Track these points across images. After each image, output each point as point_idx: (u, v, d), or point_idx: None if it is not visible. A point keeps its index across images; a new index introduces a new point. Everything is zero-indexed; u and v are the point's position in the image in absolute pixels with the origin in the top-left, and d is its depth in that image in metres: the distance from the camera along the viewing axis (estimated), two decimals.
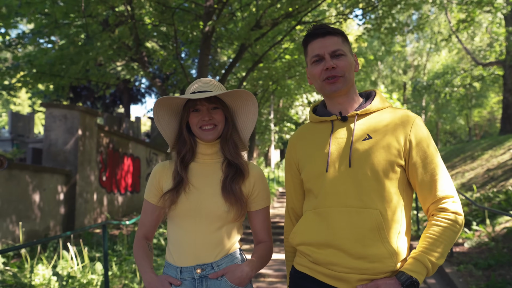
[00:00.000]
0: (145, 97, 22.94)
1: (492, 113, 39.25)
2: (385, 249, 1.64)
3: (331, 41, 1.76)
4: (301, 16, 10.66)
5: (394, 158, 1.68)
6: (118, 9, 10.10)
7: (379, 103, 1.82)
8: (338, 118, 1.80)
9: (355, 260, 1.64)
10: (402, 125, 1.73)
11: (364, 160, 1.69)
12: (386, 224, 1.65)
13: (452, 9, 17.93)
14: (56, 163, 9.42)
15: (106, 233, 5.09)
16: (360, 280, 1.65)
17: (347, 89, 1.79)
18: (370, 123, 1.76)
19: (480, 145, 18.65)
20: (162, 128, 1.96)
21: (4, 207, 7.56)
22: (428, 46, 31.93)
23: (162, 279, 1.85)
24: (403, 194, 1.72)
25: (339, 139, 1.77)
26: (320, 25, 1.79)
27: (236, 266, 1.86)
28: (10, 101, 39.83)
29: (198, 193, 1.88)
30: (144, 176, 13.40)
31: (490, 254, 6.30)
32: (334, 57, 1.75)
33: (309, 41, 1.81)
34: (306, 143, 1.88)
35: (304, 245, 1.78)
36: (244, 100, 1.96)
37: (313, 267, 1.75)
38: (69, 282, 5.40)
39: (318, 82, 1.79)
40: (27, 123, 17.00)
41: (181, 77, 12.05)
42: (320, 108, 1.92)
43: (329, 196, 1.72)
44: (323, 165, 1.76)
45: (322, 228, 1.71)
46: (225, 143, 1.95)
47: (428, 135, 1.74)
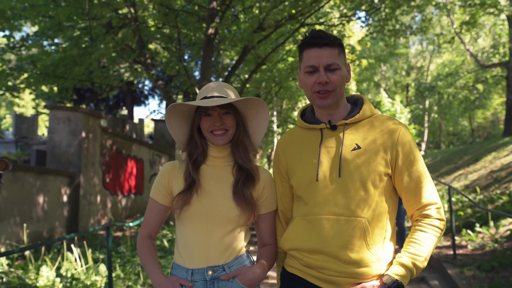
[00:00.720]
0: (148, 99, 23.00)
1: (496, 114, 39.16)
2: (372, 254, 1.72)
3: (327, 53, 1.76)
4: (304, 18, 10.66)
5: (381, 167, 1.74)
6: (121, 12, 10.14)
7: (367, 111, 1.85)
8: (327, 127, 1.83)
9: (344, 265, 1.72)
10: (389, 134, 1.78)
11: (353, 170, 1.75)
12: (372, 231, 1.73)
13: (455, 11, 17.92)
14: (60, 165, 9.46)
15: (110, 235, 5.11)
16: (349, 283, 1.74)
17: (336, 102, 1.83)
18: (359, 132, 1.81)
19: (483, 147, 18.61)
20: (174, 132, 1.98)
21: (8, 208, 7.60)
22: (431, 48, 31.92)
23: (172, 280, 1.85)
24: (389, 201, 1.80)
25: (328, 148, 1.81)
26: (318, 34, 1.78)
27: (248, 268, 1.88)
28: (14, 103, 39.98)
29: (210, 196, 1.90)
30: (147, 178, 13.43)
31: (494, 256, 6.29)
32: (328, 71, 1.77)
33: (305, 48, 1.81)
34: (295, 149, 1.92)
35: (295, 250, 1.84)
36: (256, 107, 1.98)
37: (304, 270, 1.82)
38: (73, 284, 5.42)
39: (309, 92, 1.81)
40: (31, 125, 17.06)
41: (184, 79, 12.07)
42: (308, 113, 1.95)
43: (319, 205, 1.77)
44: (313, 174, 1.80)
45: (313, 235, 1.77)
46: (235, 148, 1.97)
47: (413, 144, 1.80)
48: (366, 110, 1.85)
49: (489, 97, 30.96)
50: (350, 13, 12.26)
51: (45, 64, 9.97)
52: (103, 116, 10.74)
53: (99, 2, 8.42)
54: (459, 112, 30.45)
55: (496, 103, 34.28)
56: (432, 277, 6.23)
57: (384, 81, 34.87)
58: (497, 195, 9.34)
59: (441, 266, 6.42)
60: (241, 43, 10.74)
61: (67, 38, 10.40)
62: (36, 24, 10.06)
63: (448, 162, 18.87)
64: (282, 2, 10.09)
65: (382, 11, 11.39)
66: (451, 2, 17.42)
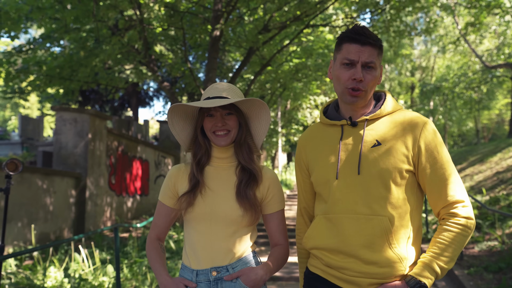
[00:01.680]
0: (153, 100, 23.08)
1: (500, 115, 39.04)
2: (394, 254, 1.66)
3: (368, 50, 1.72)
4: (309, 20, 10.67)
5: (403, 164, 1.69)
6: (126, 13, 10.17)
7: (389, 106, 1.81)
8: (348, 123, 1.80)
9: (365, 265, 1.68)
10: (411, 129, 1.72)
11: (373, 167, 1.70)
12: (394, 230, 1.68)
13: (460, 12, 17.90)
14: (66, 166, 9.50)
15: (117, 236, 5.13)
16: (371, 284, 1.69)
17: (365, 103, 1.80)
18: (380, 128, 1.77)
19: (488, 148, 18.57)
20: (176, 132, 1.99)
21: (16, 209, 7.64)
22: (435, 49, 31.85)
23: (177, 281, 1.87)
24: (412, 199, 1.74)
25: (348, 145, 1.78)
26: (362, 30, 1.72)
27: (251, 269, 1.89)
28: (19, 104, 40.16)
29: (214, 196, 1.91)
30: (152, 179, 13.46)
31: (501, 257, 6.28)
32: (365, 69, 1.73)
33: (346, 41, 1.75)
34: (316, 146, 1.89)
35: (316, 249, 1.82)
36: (258, 108, 1.98)
37: (326, 270, 1.79)
38: (80, 284, 5.45)
39: (342, 87, 1.75)
40: (36, 126, 17.14)
41: (189, 81, 12.10)
42: (331, 110, 1.91)
43: (338, 203, 1.74)
44: (332, 171, 1.78)
45: (333, 234, 1.74)
46: (239, 148, 1.97)
47: (438, 139, 1.73)
48: (388, 106, 1.81)
49: (493, 97, 30.88)
50: (355, 15, 12.27)
51: (51, 66, 10.02)
52: (109, 118, 10.77)
53: (105, 4, 8.46)
54: (464, 112, 30.35)
55: (501, 104, 34.17)
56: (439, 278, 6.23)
57: (388, 82, 34.81)
58: (503, 196, 9.32)
59: None
60: (246, 44, 10.76)
61: (73, 40, 10.45)
62: (42, 27, 10.12)
63: (454, 163, 18.81)
64: (287, 3, 10.11)
65: (387, 12, 11.39)
66: (455, 3, 17.40)
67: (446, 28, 25.76)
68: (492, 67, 20.02)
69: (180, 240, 8.62)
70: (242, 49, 12.71)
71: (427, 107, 30.49)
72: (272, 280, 6.40)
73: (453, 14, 18.12)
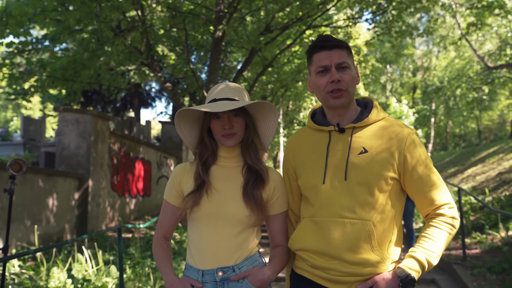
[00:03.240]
0: (155, 101, 23.06)
1: (502, 116, 38.99)
2: (378, 256, 1.74)
3: (337, 53, 1.80)
4: (311, 21, 10.68)
5: (388, 172, 1.76)
6: (129, 14, 10.18)
7: (376, 115, 1.87)
8: (336, 129, 1.85)
9: (350, 266, 1.75)
10: (397, 139, 1.79)
11: (359, 174, 1.76)
12: (378, 233, 1.75)
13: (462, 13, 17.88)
14: (69, 167, 9.51)
15: (121, 236, 5.14)
16: (356, 281, 1.76)
17: (349, 102, 1.84)
18: (366, 136, 1.82)
19: (490, 148, 18.54)
20: (184, 136, 2.00)
21: (18, 210, 7.64)
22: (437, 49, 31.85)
23: (183, 281, 1.87)
24: (396, 204, 1.82)
25: (336, 151, 1.83)
26: (326, 37, 1.82)
27: (258, 269, 1.89)
28: (21, 105, 40.22)
29: (220, 196, 1.90)
30: (154, 180, 13.47)
31: (504, 258, 6.27)
32: (340, 70, 1.79)
33: (315, 52, 1.84)
34: (304, 150, 1.94)
35: (302, 251, 1.87)
36: (266, 110, 1.98)
37: (312, 271, 1.85)
38: (84, 285, 5.46)
39: (322, 93, 1.82)
40: (38, 127, 17.17)
41: (191, 81, 12.11)
42: (318, 115, 1.97)
43: (325, 207, 1.80)
44: (320, 176, 1.83)
45: (319, 237, 1.80)
46: (245, 148, 1.97)
47: (422, 148, 1.81)
48: (375, 114, 1.87)
49: (495, 98, 30.84)
50: (357, 15, 12.27)
51: (54, 67, 10.04)
52: (112, 118, 10.79)
53: (107, 5, 8.47)
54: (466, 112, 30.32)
55: (503, 104, 34.12)
56: (442, 279, 6.22)
57: (390, 82, 34.80)
58: (506, 197, 9.31)
59: (451, 268, 6.40)
60: (248, 45, 10.77)
61: (76, 42, 10.48)
62: (44, 28, 10.13)
63: (456, 164, 18.82)
64: (289, 4, 10.11)
65: (388, 13, 11.39)
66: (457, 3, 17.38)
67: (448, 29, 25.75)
68: (494, 67, 20.00)
69: (183, 240, 8.62)
70: (244, 50, 12.71)
71: (428, 107, 30.47)
72: (276, 280, 6.40)
73: (455, 14, 18.11)
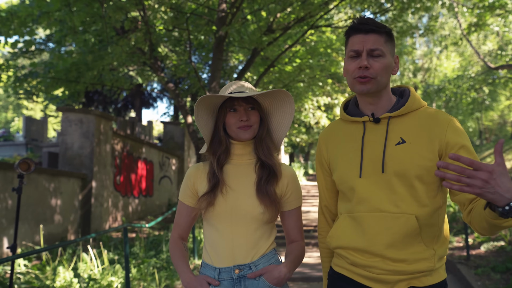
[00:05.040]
0: (157, 102, 23.08)
1: (503, 117, 39.00)
2: (423, 252, 1.63)
3: (372, 38, 1.68)
4: (313, 21, 10.69)
5: (428, 162, 1.63)
6: (130, 15, 10.20)
7: (413, 103, 1.74)
8: (370, 120, 1.74)
9: (393, 263, 1.64)
10: (437, 127, 1.67)
11: (398, 165, 1.65)
12: (422, 228, 1.63)
13: (463, 13, 17.91)
14: (72, 167, 9.53)
15: (127, 236, 5.16)
16: (400, 280, 1.65)
17: (378, 91, 1.72)
18: (403, 125, 1.71)
19: (492, 149, 18.54)
20: (201, 126, 1.97)
21: (23, 210, 7.66)
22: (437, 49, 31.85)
23: (200, 279, 1.88)
24: (439, 196, 1.68)
25: (371, 142, 1.72)
26: (365, 20, 1.70)
27: (274, 267, 1.88)
28: (22, 105, 40.23)
29: (234, 194, 1.90)
30: (157, 180, 13.48)
31: (508, 258, 6.29)
32: (371, 57, 1.68)
33: (351, 34, 1.73)
34: (337, 143, 1.84)
35: (341, 248, 1.77)
36: (281, 101, 1.97)
37: (351, 269, 1.75)
38: (89, 284, 5.48)
39: (350, 78, 1.72)
40: (40, 127, 17.19)
41: (193, 82, 12.12)
42: (351, 106, 1.86)
43: (363, 201, 1.69)
44: (356, 169, 1.73)
45: (358, 233, 1.70)
46: (259, 144, 1.97)
47: (464, 136, 1.67)
48: (413, 102, 1.74)
49: (495, 98, 30.85)
50: (358, 15, 12.29)
51: (58, 69, 10.07)
52: (114, 119, 10.81)
53: (109, 6, 8.49)
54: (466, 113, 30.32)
55: (503, 105, 34.14)
56: (447, 279, 6.23)
57: (391, 83, 34.79)
58: None
59: (455, 267, 6.42)
60: (250, 45, 10.78)
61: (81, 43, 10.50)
62: (48, 29, 10.15)
63: None
64: (291, 5, 10.13)
65: (389, 12, 11.42)
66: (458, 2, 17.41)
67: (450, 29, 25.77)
68: (495, 68, 20.02)
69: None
70: (246, 50, 12.72)
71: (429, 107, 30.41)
72: None
73: (455, 14, 18.13)
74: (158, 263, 6.76)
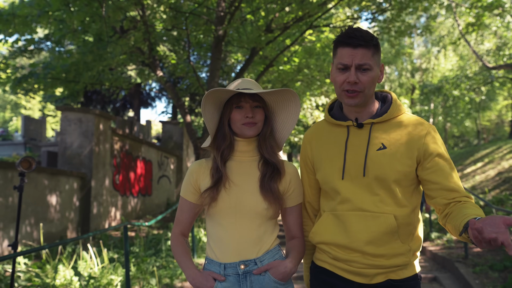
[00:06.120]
0: (155, 101, 23.07)
1: (500, 117, 39.10)
2: (400, 248, 1.77)
3: (361, 53, 1.72)
4: (311, 21, 10.72)
5: (406, 168, 1.75)
6: (130, 14, 10.22)
7: (395, 110, 1.84)
8: (354, 125, 1.83)
9: (372, 258, 1.76)
10: (416, 134, 1.78)
11: (378, 170, 1.76)
12: (399, 227, 1.76)
13: (461, 12, 17.96)
14: (71, 166, 9.54)
15: (127, 234, 5.18)
16: (378, 273, 1.78)
17: (365, 102, 1.81)
18: (385, 131, 1.81)
19: (489, 148, 18.62)
20: (207, 120, 1.98)
21: (22, 209, 7.67)
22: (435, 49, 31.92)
23: (206, 274, 1.89)
24: (414, 197, 1.82)
25: (354, 146, 1.82)
26: (354, 33, 1.74)
27: (279, 262, 1.91)
28: (20, 105, 40.17)
29: (238, 190, 1.92)
30: (155, 179, 13.49)
31: (506, 256, 6.32)
32: (360, 71, 1.74)
33: (339, 46, 1.78)
34: (321, 144, 1.93)
35: (324, 244, 1.88)
36: (287, 100, 1.99)
37: (333, 263, 1.86)
38: (90, 283, 5.49)
39: (338, 90, 1.79)
40: (39, 127, 17.19)
41: (192, 81, 12.14)
42: (336, 109, 1.94)
43: (346, 201, 1.80)
44: (339, 172, 1.83)
45: (340, 230, 1.81)
46: (263, 142, 1.99)
47: (441, 144, 1.79)
48: (394, 110, 1.84)
49: (494, 98, 30.93)
50: (356, 15, 12.32)
51: (58, 69, 10.08)
52: (113, 118, 10.82)
53: (108, 5, 8.51)
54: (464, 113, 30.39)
55: (501, 105, 34.23)
56: (445, 277, 6.27)
57: (388, 83, 34.86)
58: (506, 196, 9.37)
59: (453, 265, 6.46)
60: (249, 45, 10.80)
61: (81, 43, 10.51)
62: (47, 28, 10.16)
63: (455, 164, 18.85)
64: (289, 5, 10.15)
65: (388, 12, 11.45)
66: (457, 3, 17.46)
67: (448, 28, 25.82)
68: (493, 68, 20.08)
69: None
70: (244, 49, 12.74)
71: (427, 107, 30.54)
72: None
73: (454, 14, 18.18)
74: (157, 262, 6.79)
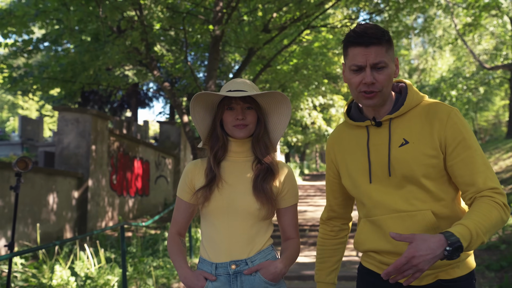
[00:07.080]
0: (153, 101, 23.07)
1: (497, 117, 39.20)
2: None
3: (374, 51, 1.63)
4: (309, 21, 10.73)
5: (433, 159, 1.64)
6: (127, 14, 10.21)
7: (412, 101, 1.72)
8: (372, 124, 1.75)
9: None
10: (437, 122, 1.65)
11: (404, 167, 1.67)
12: (440, 221, 1.65)
13: (458, 13, 18.00)
14: (68, 167, 9.52)
15: (124, 235, 5.18)
16: (426, 274, 1.67)
17: (383, 101, 1.72)
18: (405, 125, 1.71)
19: (487, 148, 18.66)
20: (196, 122, 1.99)
21: (19, 209, 7.66)
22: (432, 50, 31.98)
23: (197, 274, 1.90)
24: (451, 188, 1.69)
25: (376, 146, 1.74)
26: (364, 31, 1.63)
27: (270, 263, 1.91)
28: (17, 105, 40.09)
29: (231, 190, 1.92)
30: (153, 179, 13.48)
31: (502, 256, 6.34)
32: (375, 69, 1.64)
33: (350, 45, 1.67)
34: (343, 148, 1.87)
35: (369, 251, 1.82)
36: (278, 102, 2.00)
37: (380, 266, 1.79)
38: (86, 283, 5.49)
39: (355, 92, 1.70)
40: (36, 127, 17.14)
41: (189, 81, 12.14)
42: (354, 109, 1.87)
43: (377, 205, 1.73)
44: (365, 175, 1.76)
45: (380, 236, 1.73)
46: (256, 143, 1.99)
47: (465, 128, 1.65)
48: (411, 100, 1.72)
49: (491, 98, 31.00)
50: (354, 16, 12.35)
51: (54, 69, 10.05)
52: (111, 118, 10.81)
53: (109, 6, 8.50)
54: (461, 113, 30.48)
55: (499, 105, 34.32)
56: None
57: None
58: None
59: None
60: (247, 44, 10.80)
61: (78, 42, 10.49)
62: (44, 28, 10.14)
63: None
64: (286, 5, 10.16)
65: (385, 13, 11.48)
66: (454, 4, 17.50)
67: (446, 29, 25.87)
68: (490, 68, 20.13)
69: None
70: (242, 49, 12.74)
71: None
72: None
73: (451, 14, 18.22)
74: (154, 262, 6.78)
